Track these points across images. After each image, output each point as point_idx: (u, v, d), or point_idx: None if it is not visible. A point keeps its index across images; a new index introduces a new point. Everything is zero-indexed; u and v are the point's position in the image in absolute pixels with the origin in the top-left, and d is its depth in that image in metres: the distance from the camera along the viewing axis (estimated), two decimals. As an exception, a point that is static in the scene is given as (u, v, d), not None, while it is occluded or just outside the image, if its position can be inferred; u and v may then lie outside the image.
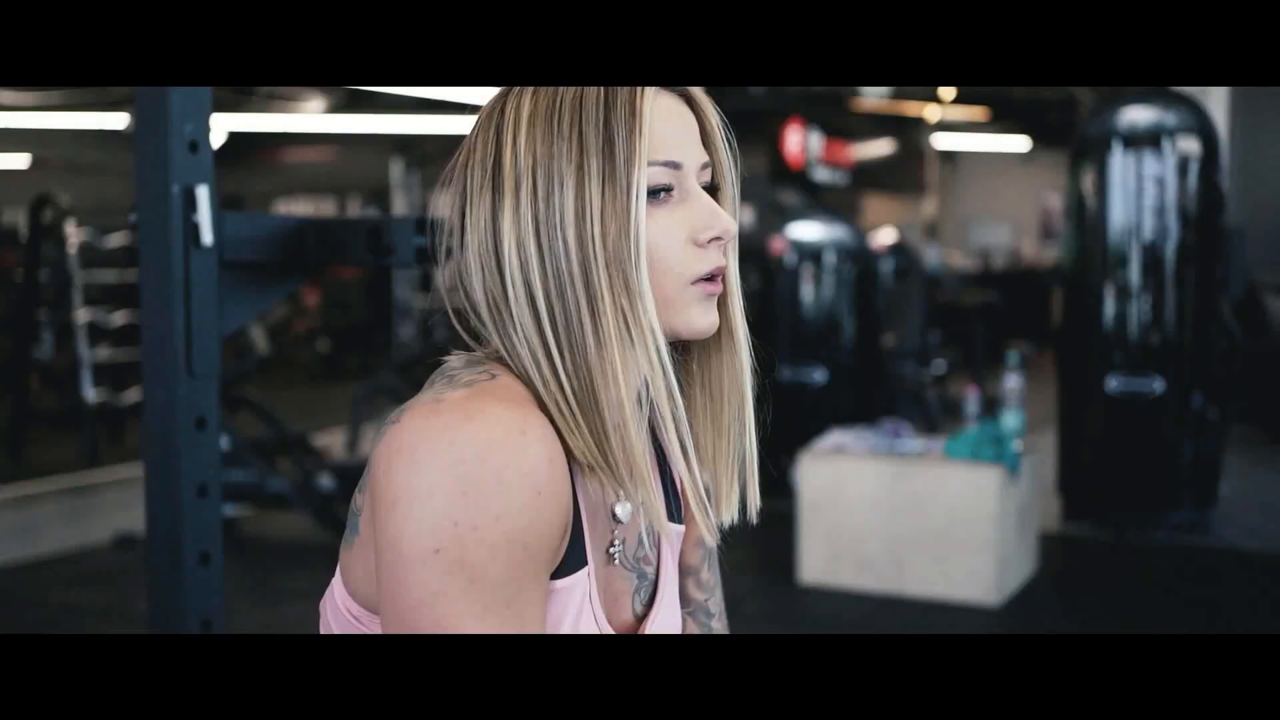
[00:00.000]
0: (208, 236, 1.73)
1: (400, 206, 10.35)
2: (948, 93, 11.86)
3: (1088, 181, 5.16)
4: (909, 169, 15.24)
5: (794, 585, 4.24)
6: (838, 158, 12.49)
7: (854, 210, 13.26)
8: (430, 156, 10.33)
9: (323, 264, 1.91)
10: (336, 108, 10.58)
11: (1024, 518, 4.29)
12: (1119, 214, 5.04)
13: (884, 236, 8.08)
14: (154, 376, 1.73)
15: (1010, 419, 4.29)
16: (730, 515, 1.01)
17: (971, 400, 4.56)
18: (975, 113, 12.97)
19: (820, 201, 10.31)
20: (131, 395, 6.48)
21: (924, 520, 4.10)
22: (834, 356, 5.83)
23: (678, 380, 0.92)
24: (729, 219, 0.92)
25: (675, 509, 1.03)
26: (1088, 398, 5.14)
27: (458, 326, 0.95)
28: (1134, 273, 5.03)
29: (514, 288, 0.88)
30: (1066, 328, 5.43)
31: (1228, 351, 5.22)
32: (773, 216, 10.10)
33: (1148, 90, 5.14)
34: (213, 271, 1.75)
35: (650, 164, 0.88)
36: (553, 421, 0.87)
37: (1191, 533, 4.99)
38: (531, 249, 0.87)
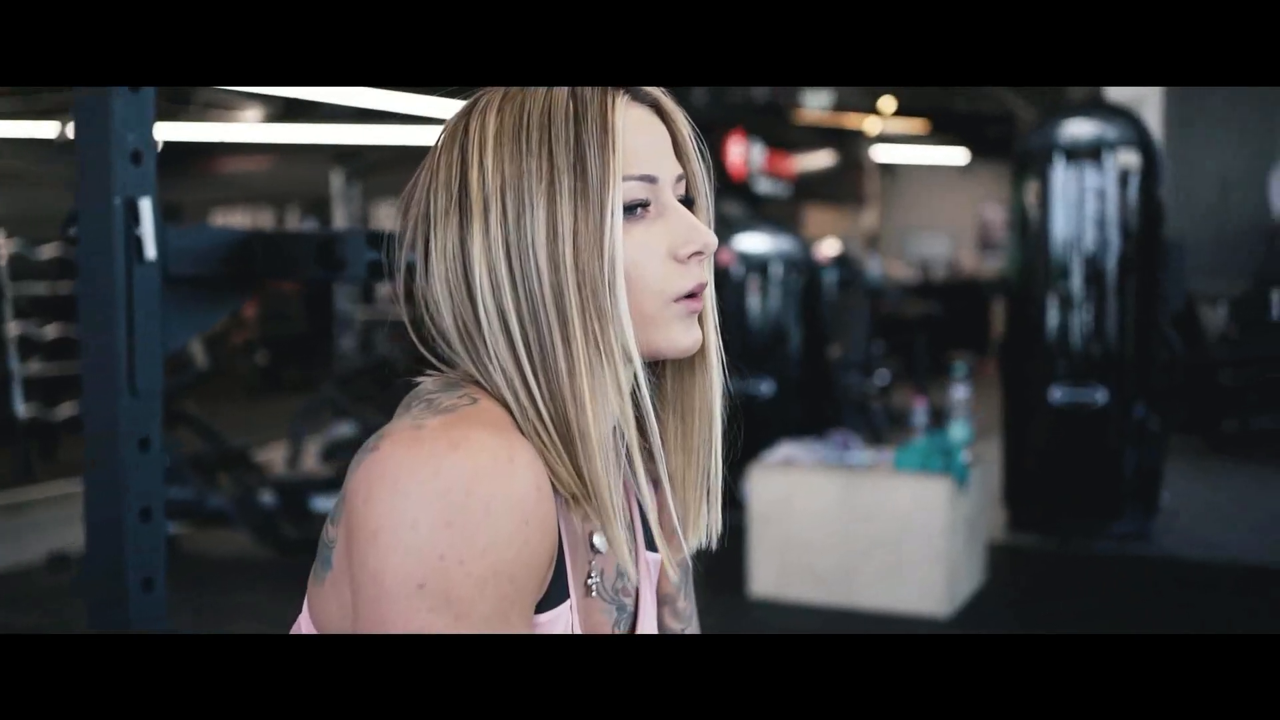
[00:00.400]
0: (151, 250, 1.67)
1: (341, 217, 10.24)
2: (888, 105, 11.97)
3: (1030, 194, 5.21)
4: (849, 181, 15.36)
5: (744, 598, 4.22)
6: (779, 169, 12.55)
7: (795, 222, 13.33)
8: (371, 167, 10.22)
9: (271, 278, 1.86)
10: (274, 117, 10.45)
11: (973, 528, 4.31)
12: (1061, 226, 5.09)
13: (827, 248, 8.12)
14: (95, 396, 1.66)
15: (958, 430, 4.30)
16: (699, 540, 0.98)
17: (919, 411, 4.58)
18: (915, 125, 13.10)
19: (762, 213, 10.34)
20: (65, 410, 6.33)
21: (874, 532, 4.10)
22: (781, 368, 5.83)
23: (654, 405, 0.89)
24: (709, 232, 0.89)
25: (651, 537, 1.00)
26: (1032, 408, 5.19)
27: (426, 354, 0.91)
28: (1076, 284, 5.08)
29: (486, 314, 0.84)
30: (1010, 339, 5.48)
31: (1167, 362, 5.30)
32: (716, 228, 10.07)
33: (1088, 104, 5.21)
34: (156, 286, 1.69)
35: (625, 178, 0.85)
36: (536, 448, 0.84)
37: (1134, 542, 5.04)
38: (503, 273, 0.84)
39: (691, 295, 0.88)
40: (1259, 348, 7.51)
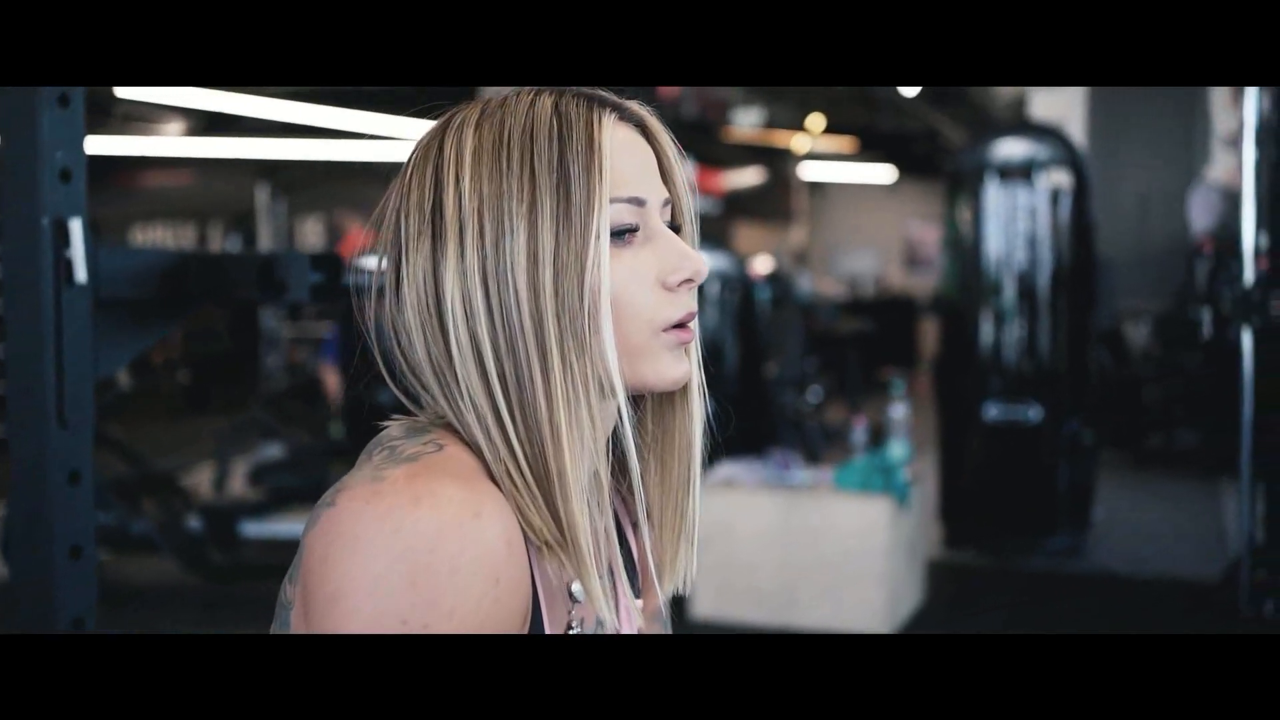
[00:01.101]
0: (81, 273, 1.59)
1: (265, 234, 10.05)
2: (817, 123, 12.06)
3: (963, 212, 5.26)
4: (778, 198, 15.47)
5: (686, 620, 4.18)
6: (709, 186, 12.59)
7: (725, 239, 13.39)
8: (298, 182, 10.06)
9: (208, 301, 1.78)
10: (197, 130, 10.24)
11: (912, 547, 4.32)
12: (994, 244, 5.14)
13: (760, 264, 8.14)
14: (21, 427, 1.57)
15: (897, 448, 4.31)
16: (675, 584, 0.93)
17: (858, 430, 4.58)
18: (843, 143, 13.22)
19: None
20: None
21: (815, 552, 4.09)
22: (719, 386, 5.81)
23: (637, 442, 0.84)
24: (700, 259, 0.84)
25: (633, 581, 0.95)
26: (967, 425, 5.22)
27: (395, 389, 0.86)
28: (1009, 302, 5.13)
29: (459, 346, 0.79)
30: (945, 356, 5.51)
31: (1098, 379, 5.37)
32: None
33: (1019, 124, 5.27)
34: (86, 311, 1.61)
35: (612, 200, 0.80)
36: (503, 490, 0.78)
37: (1068, 558, 5.09)
38: (478, 301, 0.78)
39: (681, 325, 0.84)
40: (1181, 364, 7.65)
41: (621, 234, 0.81)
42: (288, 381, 7.72)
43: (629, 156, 0.82)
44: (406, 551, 0.70)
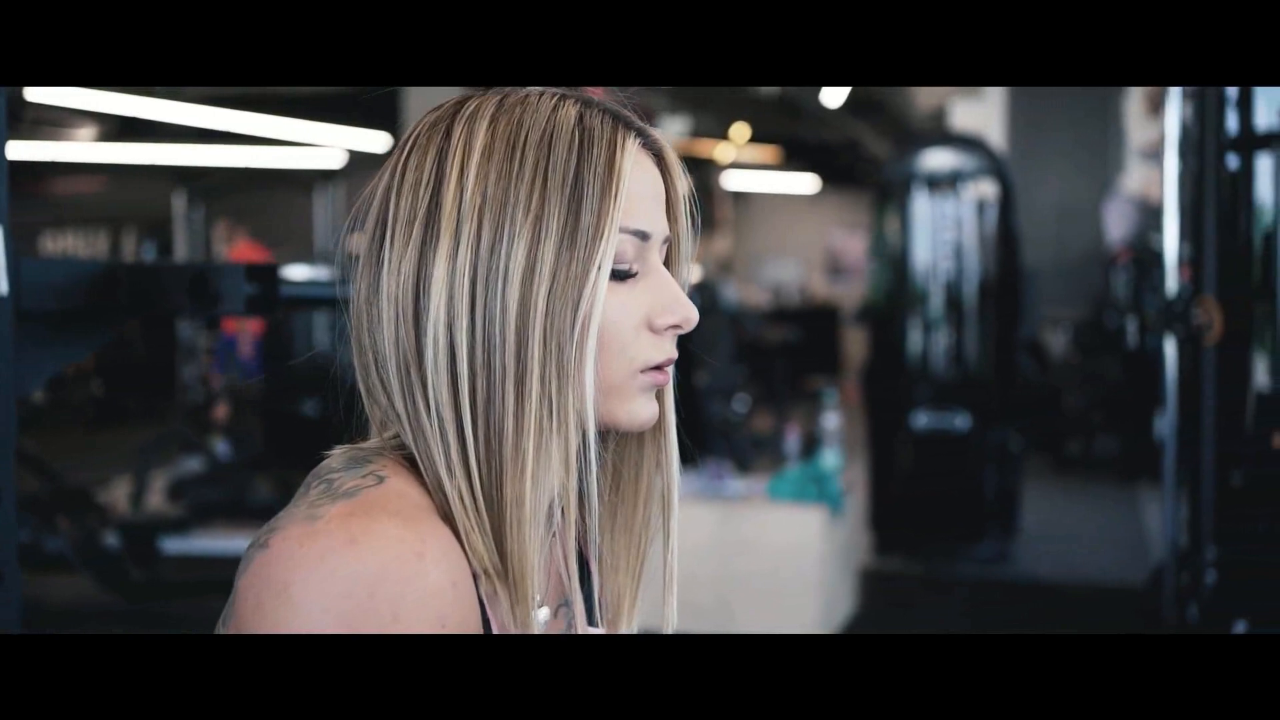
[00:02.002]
0: (3, 284, 1.52)
1: (182, 242, 9.82)
2: (741, 133, 12.12)
3: (891, 222, 5.30)
4: (703, 207, 15.48)
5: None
6: (635, 195, 12.57)
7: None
8: (217, 189, 9.86)
9: (138, 314, 1.71)
10: (110, 135, 9.99)
11: (845, 556, 4.33)
12: (921, 254, 5.19)
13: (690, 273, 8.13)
14: (-61, 446, 1.49)
15: (830, 457, 4.32)
16: (632, 626, 0.90)
17: (791, 439, 4.58)
18: (767, 153, 13.30)
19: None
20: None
21: (751, 563, 4.08)
22: (649, 396, 5.79)
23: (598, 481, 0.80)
24: (692, 307, 0.80)
25: (595, 617, 0.91)
26: (895, 433, 5.26)
27: (362, 387, 0.80)
28: (937, 311, 5.18)
29: (434, 349, 0.73)
30: (874, 365, 5.55)
31: (1022, 387, 5.44)
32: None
33: (945, 135, 5.33)
34: (9, 323, 1.53)
35: (619, 230, 0.76)
36: (453, 522, 0.73)
37: (996, 564, 5.14)
38: (463, 305, 0.73)
39: (659, 368, 0.80)
40: (1099, 372, 7.80)
41: (621, 266, 0.77)
42: (208, 392, 7.54)
43: (642, 186, 0.78)
44: (343, 596, 0.66)
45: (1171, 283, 4.33)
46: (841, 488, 4.21)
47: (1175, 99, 4.24)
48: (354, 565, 0.66)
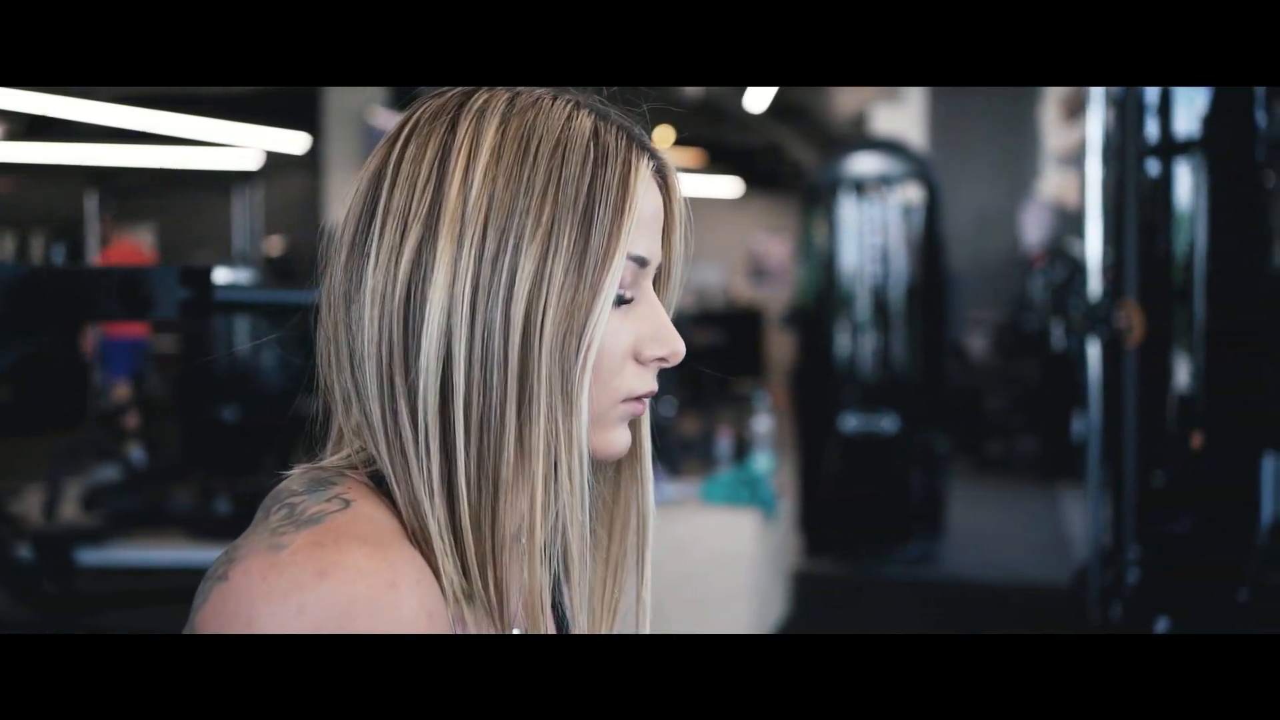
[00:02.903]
0: (-80, 288, 1.45)
1: (94, 245, 9.57)
2: (666, 136, 12.14)
3: (818, 226, 5.33)
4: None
5: (551, 640, 4.11)
6: (558, 198, 12.53)
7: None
8: (131, 191, 9.62)
9: (64, 320, 1.64)
10: (16, 134, 9.70)
11: (777, 558, 4.33)
12: (849, 257, 5.23)
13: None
14: None
15: (762, 460, 4.32)
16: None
17: (723, 443, 4.58)
18: (690, 156, 13.34)
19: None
20: None
21: (684, 567, 4.06)
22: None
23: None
24: (680, 340, 0.77)
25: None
26: (824, 435, 5.29)
27: (332, 390, 0.75)
28: (864, 314, 5.22)
29: (428, 358, 0.69)
30: (802, 367, 5.58)
31: (947, 389, 5.50)
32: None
33: (872, 139, 5.37)
34: (-74, 330, 1.46)
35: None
36: (423, 544, 0.69)
37: (923, 565, 5.19)
38: (462, 315, 0.68)
39: (639, 399, 0.77)
40: (1019, 374, 7.93)
41: (619, 298, 0.74)
42: (124, 396, 7.34)
43: (645, 208, 0.75)
44: (314, 631, 0.62)
45: (1094, 286, 4.41)
46: (775, 491, 4.21)
47: (1097, 104, 4.32)
48: (323, 599, 0.62)
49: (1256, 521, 4.18)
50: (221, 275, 5.85)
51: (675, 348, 0.76)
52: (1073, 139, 9.08)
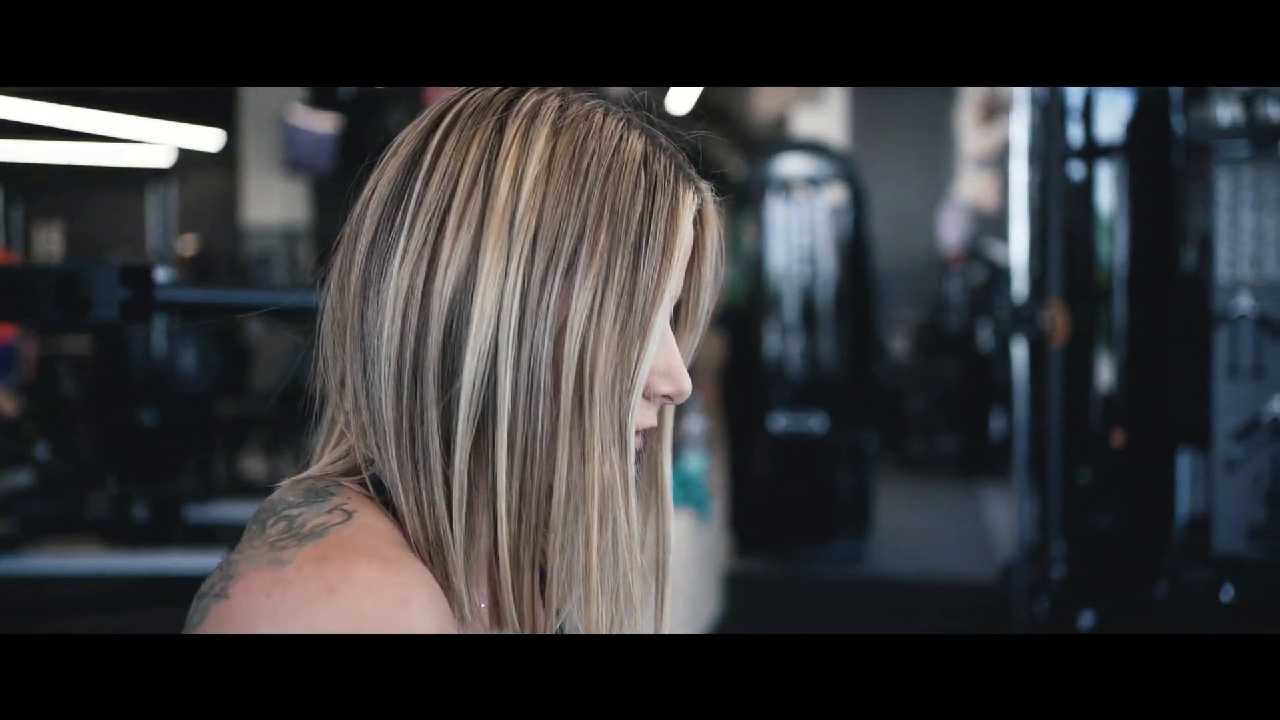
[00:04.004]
0: None
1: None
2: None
3: (747, 227, 5.35)
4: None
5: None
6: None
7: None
8: (39, 188, 9.34)
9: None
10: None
11: (710, 558, 4.34)
12: (777, 258, 5.26)
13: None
14: None
15: (695, 461, 4.32)
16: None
17: (654, 444, 4.58)
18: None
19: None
20: None
21: (617, 568, 4.05)
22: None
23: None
24: (688, 380, 0.74)
25: None
26: (754, 435, 5.31)
27: (339, 386, 0.71)
28: (793, 314, 5.26)
29: (473, 375, 0.65)
30: (732, 368, 5.60)
31: (873, 389, 5.57)
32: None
33: (800, 141, 5.41)
34: None
35: None
36: (426, 558, 0.67)
37: (851, 564, 5.24)
38: (509, 334, 0.65)
39: (637, 433, 0.74)
40: (938, 373, 8.05)
41: None
42: (34, 399, 7.12)
43: (687, 242, 0.72)
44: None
45: (1019, 287, 4.49)
46: (708, 491, 4.22)
47: (1022, 108, 4.40)
48: (334, 617, 0.58)
49: (1173, 517, 4.29)
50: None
51: (683, 386, 0.73)
52: (989, 142, 9.25)
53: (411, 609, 0.61)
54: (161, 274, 6.76)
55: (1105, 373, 4.28)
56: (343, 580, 0.60)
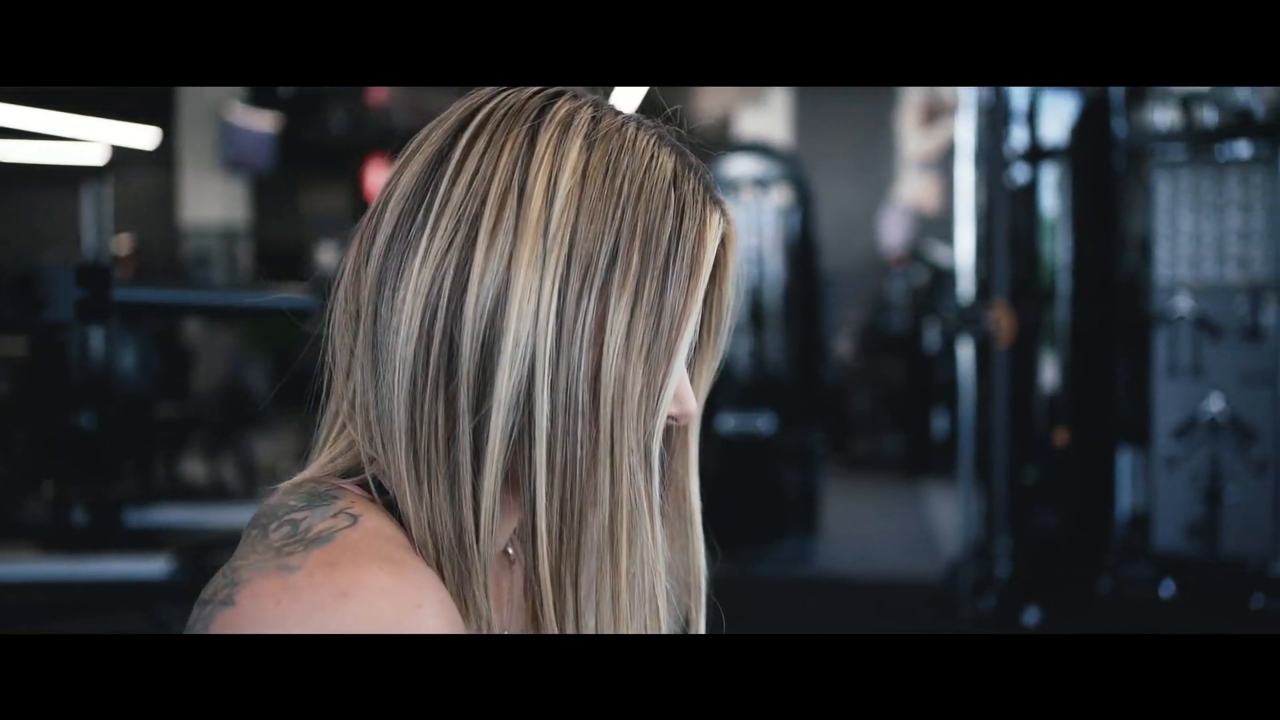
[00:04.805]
0: None
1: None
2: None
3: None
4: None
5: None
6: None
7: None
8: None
9: (-51, 321, 1.54)
10: None
11: (660, 560, 4.34)
12: (725, 259, 5.29)
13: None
14: None
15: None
16: None
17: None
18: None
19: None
20: None
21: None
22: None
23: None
24: (694, 402, 0.74)
25: None
26: (703, 435, 5.32)
27: (349, 383, 0.69)
28: (741, 315, 5.28)
29: (515, 390, 0.63)
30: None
31: (820, 388, 5.61)
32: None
33: (749, 142, 5.44)
34: None
35: None
36: (431, 561, 0.66)
37: (799, 563, 5.27)
38: (546, 351, 0.64)
39: None
40: (882, 373, 8.13)
41: None
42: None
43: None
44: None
45: (965, 288, 4.55)
46: (658, 492, 4.22)
47: (968, 111, 4.46)
48: (348, 623, 0.57)
49: (1114, 514, 4.37)
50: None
51: (689, 408, 0.73)
52: (930, 145, 9.36)
53: (424, 612, 0.60)
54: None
55: (1049, 372, 4.35)
56: (355, 585, 0.58)
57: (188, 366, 6.95)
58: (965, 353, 4.42)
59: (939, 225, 8.57)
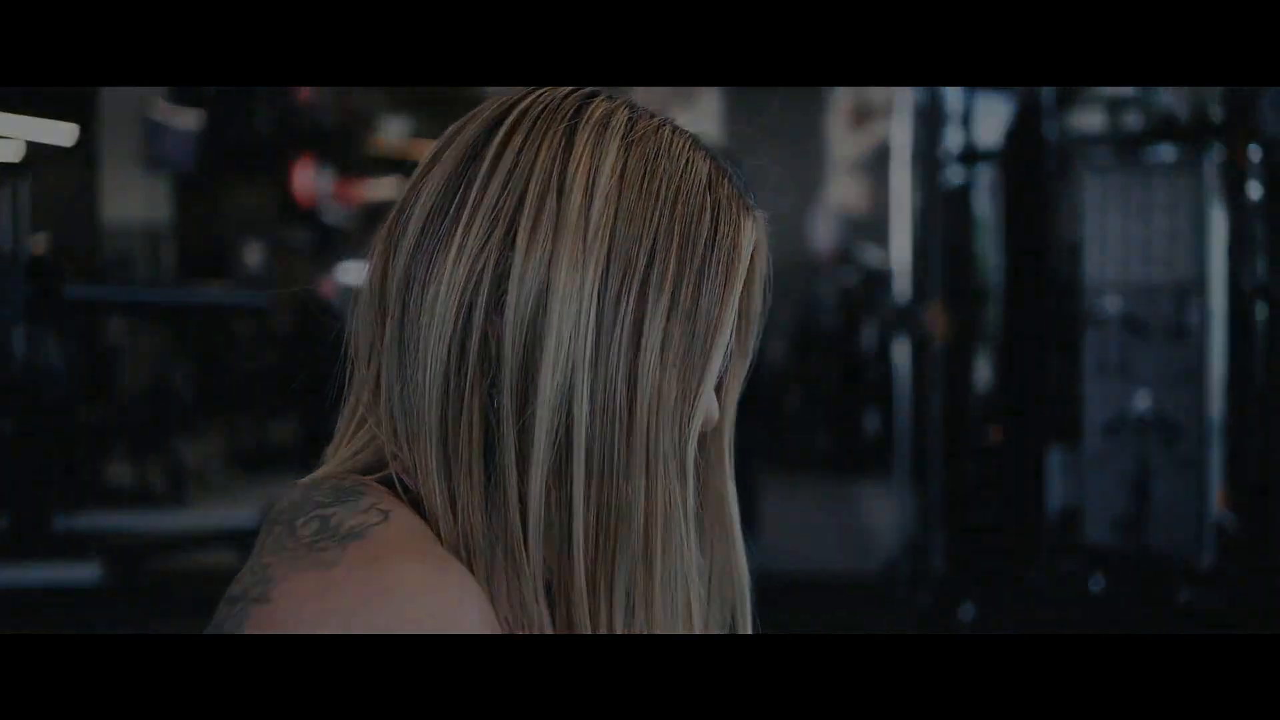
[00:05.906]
0: None
1: None
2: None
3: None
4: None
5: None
6: (349, 197, 12.21)
7: (368, 250, 13.04)
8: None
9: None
10: None
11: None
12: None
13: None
14: None
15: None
16: None
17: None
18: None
19: (332, 240, 10.05)
20: None
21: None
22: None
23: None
24: (718, 408, 0.74)
25: None
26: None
27: (377, 381, 0.68)
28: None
29: (559, 393, 0.63)
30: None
31: (753, 387, 5.64)
32: (283, 256, 9.71)
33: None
34: None
35: None
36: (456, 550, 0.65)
37: (737, 560, 5.30)
38: (586, 354, 0.63)
39: None
40: (812, 373, 8.21)
41: None
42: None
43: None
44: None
45: (901, 288, 4.60)
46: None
47: (904, 113, 4.51)
48: (392, 619, 0.56)
49: (1045, 510, 4.45)
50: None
51: (709, 415, 0.73)
52: (860, 147, 9.46)
53: (465, 607, 0.59)
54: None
55: (983, 371, 4.42)
56: (396, 580, 0.58)
57: (111, 366, 6.80)
58: (901, 352, 4.47)
59: (869, 227, 8.67)
